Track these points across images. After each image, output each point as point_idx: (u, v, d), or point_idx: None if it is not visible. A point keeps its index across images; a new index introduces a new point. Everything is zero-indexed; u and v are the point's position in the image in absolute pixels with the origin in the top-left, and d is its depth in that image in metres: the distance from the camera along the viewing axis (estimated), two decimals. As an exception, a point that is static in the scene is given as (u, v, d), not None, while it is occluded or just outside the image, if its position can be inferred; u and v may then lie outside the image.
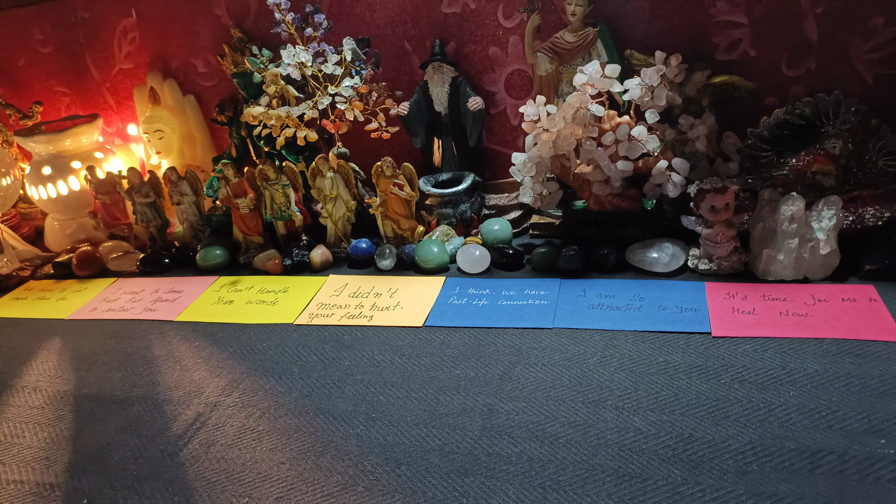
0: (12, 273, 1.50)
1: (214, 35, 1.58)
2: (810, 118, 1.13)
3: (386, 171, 1.31)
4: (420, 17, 1.41)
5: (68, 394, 1.05)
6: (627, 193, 1.22)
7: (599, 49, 1.24)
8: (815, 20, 1.15)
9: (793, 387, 0.84)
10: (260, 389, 0.99)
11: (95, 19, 1.69)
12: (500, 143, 1.46)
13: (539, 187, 1.25)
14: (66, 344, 1.21)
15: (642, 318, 1.03)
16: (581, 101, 1.14)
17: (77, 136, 1.61)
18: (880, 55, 1.14)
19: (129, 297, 1.35)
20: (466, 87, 1.37)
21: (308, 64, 1.31)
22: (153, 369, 1.08)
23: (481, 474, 0.77)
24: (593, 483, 0.74)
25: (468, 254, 1.25)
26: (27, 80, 1.84)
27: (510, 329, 1.06)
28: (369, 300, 1.21)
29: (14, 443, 0.95)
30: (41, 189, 1.60)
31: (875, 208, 1.09)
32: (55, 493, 0.84)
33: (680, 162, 1.14)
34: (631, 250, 1.19)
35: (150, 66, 1.68)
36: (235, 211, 1.41)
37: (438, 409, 0.89)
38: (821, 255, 1.05)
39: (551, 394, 0.89)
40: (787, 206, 1.05)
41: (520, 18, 1.34)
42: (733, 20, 1.20)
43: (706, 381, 0.87)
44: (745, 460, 0.74)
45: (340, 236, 1.39)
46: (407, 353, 1.04)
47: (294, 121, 1.33)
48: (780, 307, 1.00)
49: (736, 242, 1.11)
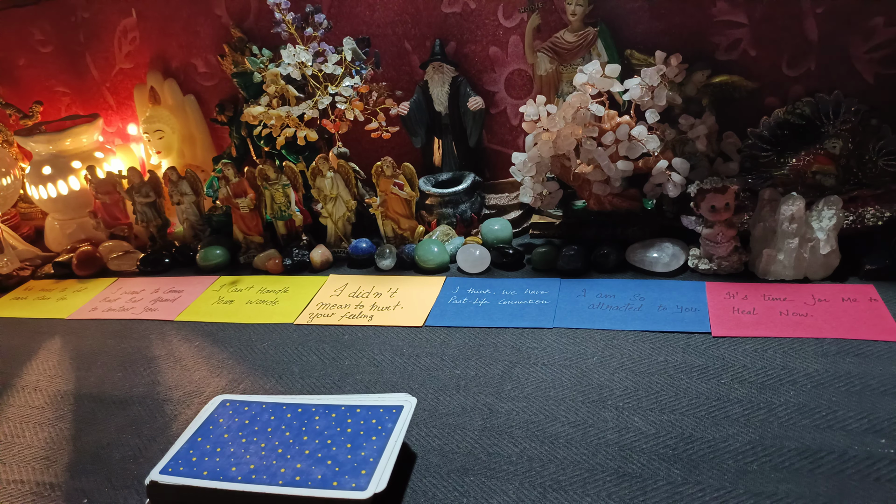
0: (12, 273, 1.50)
1: (214, 35, 1.58)
2: (810, 118, 1.13)
3: (386, 171, 1.31)
4: (420, 17, 1.41)
5: (68, 394, 1.05)
6: (627, 193, 1.22)
7: (599, 49, 1.24)
8: (815, 20, 1.15)
9: (793, 387, 0.84)
10: (260, 389, 0.99)
11: (95, 19, 1.69)
12: (500, 142, 1.46)
13: (539, 187, 1.25)
14: (66, 344, 1.21)
15: (642, 318, 1.03)
16: (581, 101, 1.14)
17: (77, 135, 1.61)
18: (880, 55, 1.14)
19: (129, 296, 1.35)
20: (466, 86, 1.37)
21: (308, 64, 1.31)
22: (153, 369, 1.08)
23: (481, 474, 0.77)
24: (593, 483, 0.74)
25: (468, 254, 1.25)
26: (27, 80, 1.84)
27: (510, 329, 1.06)
28: (369, 300, 1.21)
29: (14, 443, 0.95)
30: (41, 189, 1.60)
31: (875, 208, 1.09)
32: (55, 493, 0.84)
33: (680, 162, 1.14)
34: (631, 250, 1.19)
35: (151, 65, 1.68)
36: (235, 211, 1.42)
37: (438, 409, 0.89)
38: (821, 254, 1.05)
39: (551, 394, 0.89)
40: (787, 206, 1.05)
41: (520, 18, 1.34)
42: (733, 20, 1.20)
43: (706, 380, 0.88)
44: (745, 460, 0.74)
45: (340, 236, 1.39)
46: (407, 353, 1.04)
47: (294, 121, 1.33)
48: (781, 307, 1.00)
49: (736, 242, 1.11)
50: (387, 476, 0.71)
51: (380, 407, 0.82)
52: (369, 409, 0.82)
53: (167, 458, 0.78)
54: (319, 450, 0.77)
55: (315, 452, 0.76)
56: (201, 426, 0.83)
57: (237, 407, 0.86)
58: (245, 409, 0.85)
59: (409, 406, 0.82)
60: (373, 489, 0.70)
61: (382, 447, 0.75)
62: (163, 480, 0.75)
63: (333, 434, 0.79)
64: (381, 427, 0.79)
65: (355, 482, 0.71)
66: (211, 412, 0.85)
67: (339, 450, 0.76)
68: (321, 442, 0.78)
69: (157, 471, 0.76)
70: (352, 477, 0.72)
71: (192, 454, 0.78)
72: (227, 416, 0.84)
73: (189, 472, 0.75)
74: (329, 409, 0.83)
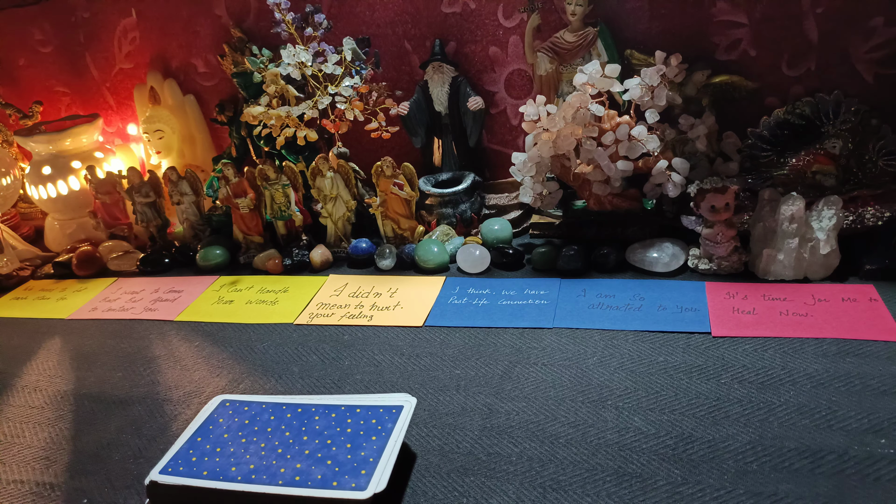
0: (12, 273, 1.50)
1: (214, 35, 1.58)
2: (810, 118, 1.13)
3: (386, 171, 1.31)
4: (420, 17, 1.41)
5: (68, 394, 1.05)
6: (627, 193, 1.22)
7: (599, 49, 1.24)
8: (815, 20, 1.15)
9: (793, 387, 0.84)
10: (260, 389, 0.99)
11: (95, 19, 1.69)
12: (500, 142, 1.46)
13: (539, 187, 1.25)
14: (66, 344, 1.21)
15: (642, 318, 1.03)
16: (581, 101, 1.14)
17: (77, 135, 1.61)
18: (880, 55, 1.14)
19: (129, 296, 1.35)
20: (466, 86, 1.37)
21: (308, 64, 1.31)
22: (153, 369, 1.08)
23: (481, 474, 0.77)
24: (593, 483, 0.74)
25: (468, 254, 1.25)
26: (27, 80, 1.84)
27: (510, 329, 1.06)
28: (369, 300, 1.21)
29: (14, 443, 0.95)
30: (41, 189, 1.60)
31: (875, 208, 1.09)
32: (55, 493, 0.84)
33: (680, 162, 1.14)
34: (631, 250, 1.19)
35: (150, 65, 1.68)
36: (235, 211, 1.42)
37: (438, 409, 0.89)
38: (821, 254, 1.05)
39: (551, 394, 0.89)
40: (787, 206, 1.05)
41: (520, 18, 1.34)
42: (733, 20, 1.20)
43: (706, 380, 0.87)
44: (745, 460, 0.74)
45: (340, 236, 1.39)
46: (407, 352, 1.04)
47: (294, 121, 1.33)
48: (780, 307, 1.00)
49: (736, 242, 1.11)
50: (387, 476, 0.71)
51: (380, 407, 0.82)
52: (369, 409, 0.82)
53: (167, 458, 0.78)
54: (319, 450, 0.77)
55: (315, 452, 0.76)
56: (201, 426, 0.83)
57: (237, 407, 0.86)
58: (245, 408, 0.85)
59: (409, 406, 0.82)
60: (373, 489, 0.70)
61: (382, 447, 0.75)
62: (162, 480, 0.75)
63: (333, 434, 0.79)
64: (380, 427, 0.79)
65: (355, 482, 0.71)
66: (211, 412, 0.85)
67: (339, 450, 0.76)
68: (321, 442, 0.78)
69: (156, 471, 0.76)
70: (352, 477, 0.72)
71: (191, 454, 0.78)
72: (226, 415, 0.84)
73: (189, 472, 0.75)
74: (329, 410, 0.83)
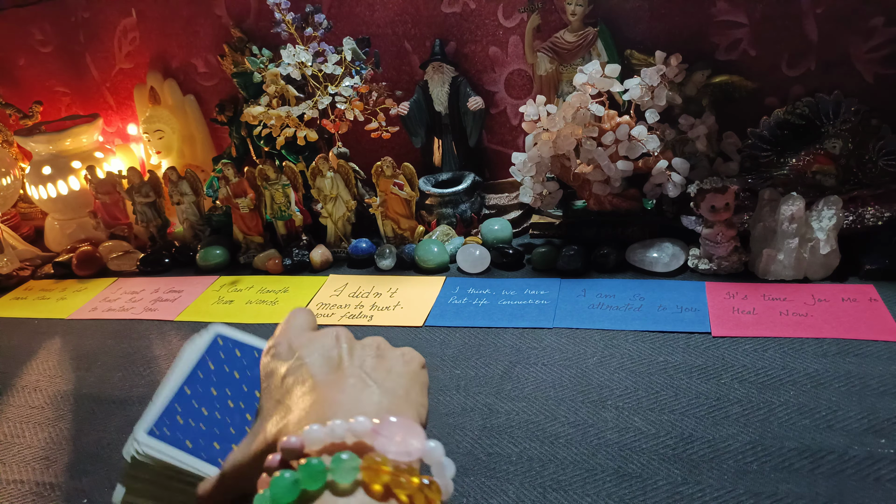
0: (12, 273, 1.50)
1: (214, 35, 1.58)
2: (810, 118, 1.13)
3: (386, 171, 1.31)
4: (420, 17, 1.41)
5: (68, 394, 1.05)
6: (627, 193, 1.22)
7: (599, 49, 1.24)
8: (815, 20, 1.15)
9: (793, 387, 0.84)
10: (260, 389, 0.99)
11: (95, 19, 1.69)
12: (500, 142, 1.46)
13: (539, 187, 1.25)
14: (66, 344, 1.21)
15: (642, 318, 1.03)
16: (581, 101, 1.14)
17: (77, 135, 1.61)
18: (880, 55, 1.14)
19: (129, 296, 1.35)
20: (466, 86, 1.37)
21: (308, 64, 1.31)
22: (153, 369, 1.08)
23: (481, 474, 0.77)
24: (593, 483, 0.74)
25: (468, 253, 1.25)
26: (27, 80, 1.83)
27: (510, 329, 1.06)
28: (369, 300, 1.21)
29: (14, 443, 0.95)
30: (41, 189, 1.60)
31: (875, 208, 1.09)
32: (55, 493, 0.84)
33: (680, 162, 1.14)
34: (631, 250, 1.19)
35: (150, 65, 1.68)
36: (235, 211, 1.41)
37: (438, 409, 0.89)
38: (821, 254, 1.05)
39: (551, 394, 0.89)
40: (787, 206, 1.05)
41: (520, 18, 1.34)
42: (733, 20, 1.20)
43: (706, 380, 0.87)
44: (745, 460, 0.74)
45: (340, 236, 1.39)
46: (407, 352, 1.03)
47: (294, 121, 1.33)
48: (780, 307, 1.00)
49: (736, 242, 1.11)
50: None
51: None
52: None
53: (155, 414, 0.63)
54: None
55: None
56: (191, 373, 0.69)
57: (229, 350, 0.73)
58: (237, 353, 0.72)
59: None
60: None
61: None
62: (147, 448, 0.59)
63: None
64: None
65: None
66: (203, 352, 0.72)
67: None
68: None
69: (142, 429, 0.61)
70: None
71: (178, 412, 0.65)
72: (217, 359, 0.73)
73: (174, 437, 0.62)
74: None
